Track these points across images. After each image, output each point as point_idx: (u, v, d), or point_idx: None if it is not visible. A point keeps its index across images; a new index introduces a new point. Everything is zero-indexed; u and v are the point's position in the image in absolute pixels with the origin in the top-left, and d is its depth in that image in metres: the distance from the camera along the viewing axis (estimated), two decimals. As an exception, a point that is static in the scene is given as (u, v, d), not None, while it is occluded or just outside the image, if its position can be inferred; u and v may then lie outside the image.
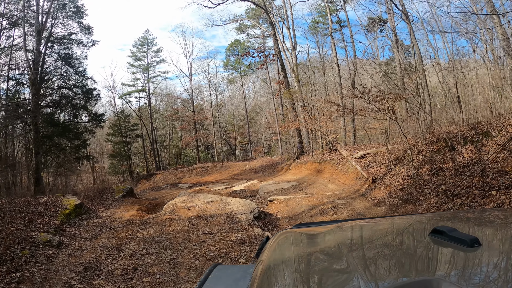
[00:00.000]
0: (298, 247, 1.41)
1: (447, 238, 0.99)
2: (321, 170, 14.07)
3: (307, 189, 11.51)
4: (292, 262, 1.21)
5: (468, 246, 0.91)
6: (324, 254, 1.23)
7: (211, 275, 1.26)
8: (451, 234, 0.98)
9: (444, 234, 1.00)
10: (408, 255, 1.08)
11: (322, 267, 1.13)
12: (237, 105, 42.60)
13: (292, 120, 17.38)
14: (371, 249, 1.21)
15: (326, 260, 1.16)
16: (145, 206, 12.96)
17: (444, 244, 0.99)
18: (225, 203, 9.52)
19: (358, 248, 1.24)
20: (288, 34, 21.74)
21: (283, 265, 1.18)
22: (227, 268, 1.52)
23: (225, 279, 1.26)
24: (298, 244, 1.44)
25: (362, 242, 1.35)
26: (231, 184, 17.93)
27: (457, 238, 0.95)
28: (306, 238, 1.47)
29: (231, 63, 35.51)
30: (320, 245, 1.38)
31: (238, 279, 1.24)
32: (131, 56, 37.01)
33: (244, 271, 1.30)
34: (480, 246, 0.92)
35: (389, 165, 9.77)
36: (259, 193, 12.49)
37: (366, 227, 1.55)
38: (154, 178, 32.03)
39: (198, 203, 9.86)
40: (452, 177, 7.60)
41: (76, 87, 24.90)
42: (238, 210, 8.72)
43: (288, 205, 9.48)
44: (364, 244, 1.31)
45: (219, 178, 24.46)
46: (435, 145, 9.03)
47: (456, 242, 0.95)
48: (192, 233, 7.03)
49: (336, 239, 1.38)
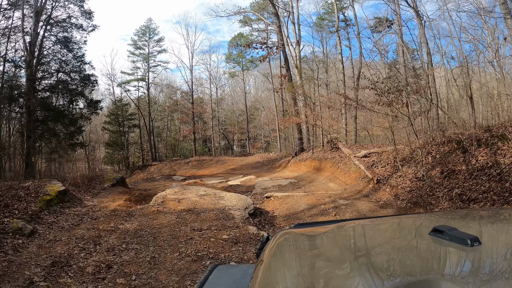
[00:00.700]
0: (299, 247, 1.36)
1: (447, 237, 0.96)
2: (321, 168, 13.36)
3: (306, 187, 10.83)
4: (293, 262, 1.15)
5: (468, 245, 0.89)
6: (325, 254, 1.20)
7: (211, 276, 1.27)
8: (451, 233, 0.96)
9: (444, 233, 0.98)
10: (408, 255, 1.06)
11: (323, 267, 1.08)
12: (238, 99, 41.92)
13: (293, 114, 16.53)
14: (372, 248, 1.18)
15: (327, 260, 1.12)
16: (134, 197, 12.36)
17: (444, 243, 0.97)
18: (218, 197, 8.83)
19: (358, 247, 1.22)
20: (293, 28, 21.03)
21: (284, 266, 1.13)
22: (228, 268, 1.48)
23: (225, 279, 1.26)
24: (299, 244, 1.39)
25: (362, 241, 1.33)
26: (227, 179, 17.25)
27: (457, 237, 0.93)
28: (307, 238, 1.43)
29: (233, 57, 34.70)
30: (321, 245, 1.33)
31: (239, 279, 1.24)
32: (132, 44, 36.14)
33: (245, 271, 1.30)
34: (480, 245, 0.90)
35: (395, 165, 9.11)
36: (255, 189, 11.81)
37: (367, 226, 1.53)
38: (149, 169, 31.39)
39: (189, 196, 9.17)
40: (466, 181, 6.96)
41: (73, 71, 24.33)
42: (232, 205, 8.04)
43: (286, 203, 8.81)
44: (365, 243, 1.28)
45: (215, 172, 23.79)
46: (446, 146, 8.37)
47: (456, 241, 0.93)
48: (179, 228, 6.35)
49: (336, 239, 1.34)
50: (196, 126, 36.49)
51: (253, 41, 25.88)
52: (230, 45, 33.32)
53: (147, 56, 35.79)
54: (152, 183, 21.94)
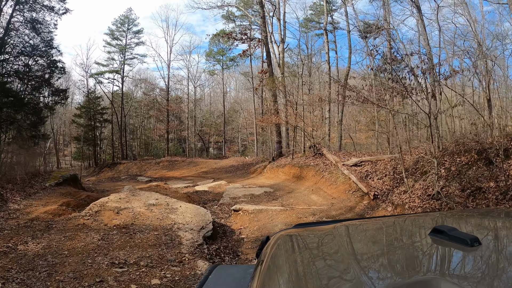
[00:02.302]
0: (298, 247, 1.26)
1: (447, 237, 0.91)
2: (302, 176, 11.28)
3: (284, 199, 8.74)
4: (292, 263, 1.07)
5: (468, 245, 0.84)
6: (325, 254, 1.13)
7: (211, 276, 1.23)
8: (451, 233, 0.90)
9: (444, 233, 0.92)
10: (408, 255, 1.00)
11: (323, 267, 1.02)
12: (217, 100, 39.72)
13: (272, 113, 14.32)
14: (372, 248, 1.11)
15: (327, 260, 1.06)
16: (77, 200, 10.04)
17: (444, 243, 0.92)
18: (170, 210, 6.60)
19: (358, 247, 1.14)
20: (278, 25, 19.09)
21: (284, 265, 1.05)
22: (227, 268, 1.42)
23: (225, 279, 1.22)
24: (299, 244, 1.28)
25: (362, 241, 1.24)
26: (195, 183, 14.97)
27: (457, 237, 0.88)
28: (306, 238, 1.32)
29: (214, 54, 32.35)
30: (320, 245, 1.24)
31: (238, 279, 1.20)
32: (109, 34, 33.13)
33: (244, 271, 1.27)
34: (480, 245, 0.85)
35: (395, 177, 7.18)
36: (223, 197, 9.64)
37: (366, 226, 1.43)
38: (118, 167, 28.73)
39: (135, 205, 6.90)
40: (500, 202, 5.07)
41: (40, 56, 21.68)
42: (184, 222, 5.85)
43: (258, 219, 6.70)
44: (365, 243, 1.20)
45: (186, 174, 21.44)
46: (463, 156, 6.50)
47: (456, 242, 0.87)
48: (93, 260, 4.12)
49: (336, 239, 1.22)
50: (170, 125, 33.90)
51: (233, 31, 23.68)
52: (211, 42, 31.01)
53: (123, 47, 32.94)
54: (114, 183, 19.68)
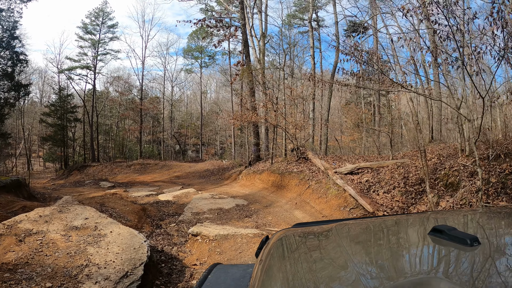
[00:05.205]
0: (298, 246, 1.20)
1: (446, 237, 0.89)
2: (283, 185, 9.18)
3: (260, 216, 6.63)
4: (292, 262, 1.02)
5: (467, 245, 0.82)
6: (324, 253, 1.10)
7: (210, 275, 1.20)
8: (451, 233, 0.88)
9: (444, 233, 0.90)
10: (408, 254, 0.98)
11: (323, 266, 0.97)
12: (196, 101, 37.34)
13: (248, 109, 12.16)
14: (371, 248, 1.09)
15: (326, 260, 1.03)
16: (5, 214, 7.63)
17: (444, 243, 0.89)
18: (94, 238, 4.36)
19: (358, 247, 1.11)
20: (259, 18, 17.06)
21: (283, 265, 1.01)
22: (227, 267, 1.36)
23: (224, 278, 1.19)
24: (299, 243, 1.23)
25: (362, 241, 1.20)
26: (161, 190, 12.64)
27: (456, 237, 0.86)
28: (306, 238, 1.27)
29: (192, 50, 29.94)
30: (320, 245, 1.21)
31: (238, 278, 1.18)
32: (82, 27, 30.17)
33: (244, 270, 1.25)
34: (479, 245, 0.83)
35: (407, 190, 5.25)
36: (184, 212, 7.44)
37: (366, 226, 1.37)
38: (88, 170, 25.96)
39: (53, 227, 4.59)
40: None
41: (1, 47, 19.22)
42: (103, 262, 3.65)
43: (221, 250, 4.58)
44: (364, 243, 1.17)
45: (157, 179, 19.03)
46: (504, 163, 4.60)
47: (455, 241, 0.86)
48: None
49: (336, 238, 1.21)
50: (145, 126, 31.24)
51: (215, 35, 21.40)
52: (190, 38, 28.68)
53: (97, 42, 30.10)
54: (76, 188, 17.14)
